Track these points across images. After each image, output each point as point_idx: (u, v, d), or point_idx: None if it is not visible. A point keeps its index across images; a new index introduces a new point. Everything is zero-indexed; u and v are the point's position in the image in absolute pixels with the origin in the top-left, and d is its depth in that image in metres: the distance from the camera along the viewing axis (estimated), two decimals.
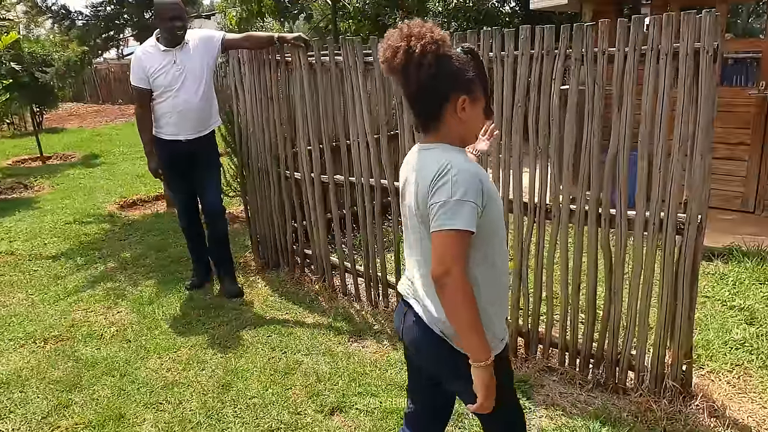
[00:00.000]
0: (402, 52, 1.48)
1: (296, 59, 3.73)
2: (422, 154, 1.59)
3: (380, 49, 1.55)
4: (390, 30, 1.54)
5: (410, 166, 1.63)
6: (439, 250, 1.48)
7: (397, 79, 1.56)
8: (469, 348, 1.53)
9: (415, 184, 1.57)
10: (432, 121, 1.57)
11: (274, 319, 3.71)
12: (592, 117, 2.58)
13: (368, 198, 3.64)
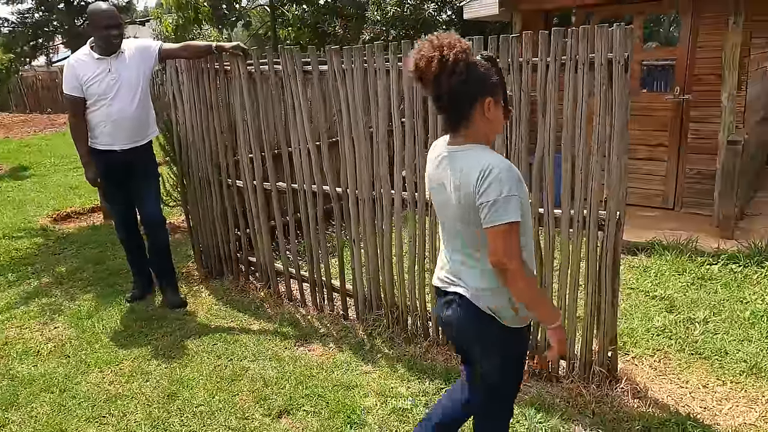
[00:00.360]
0: (436, 61, 1.63)
1: (235, 68, 3.75)
2: (458, 156, 1.75)
3: (410, 58, 1.70)
4: (419, 42, 1.71)
5: (443, 167, 1.79)
6: (498, 243, 1.67)
7: (426, 86, 1.71)
8: (541, 317, 1.83)
9: (455, 184, 1.73)
10: (462, 121, 1.73)
11: (219, 328, 3.70)
12: (519, 122, 2.75)
13: (311, 204, 3.70)
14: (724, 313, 3.56)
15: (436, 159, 1.84)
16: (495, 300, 1.80)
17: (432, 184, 1.87)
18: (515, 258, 1.67)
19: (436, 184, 1.84)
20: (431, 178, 1.87)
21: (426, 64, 1.65)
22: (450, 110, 1.74)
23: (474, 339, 1.90)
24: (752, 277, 4.03)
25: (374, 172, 3.33)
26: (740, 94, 4.93)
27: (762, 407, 2.71)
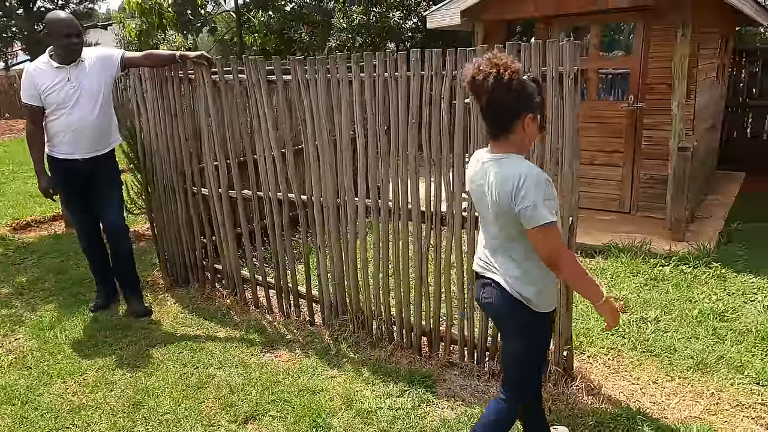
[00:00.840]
0: (492, 77, 1.86)
1: (200, 77, 3.78)
2: (497, 164, 1.99)
3: (468, 71, 1.92)
4: (476, 58, 1.94)
5: (484, 172, 2.03)
6: (543, 243, 1.92)
7: (480, 97, 1.92)
8: (591, 296, 2.01)
9: (494, 187, 1.96)
10: (503, 131, 1.97)
11: (185, 336, 3.71)
12: (476, 132, 2.85)
13: (276, 211, 3.74)
14: (674, 312, 3.74)
15: (478, 163, 2.08)
16: (524, 288, 2.04)
17: (472, 185, 2.11)
18: (560, 252, 1.93)
19: (476, 186, 2.08)
20: (472, 179, 2.11)
21: (482, 78, 1.87)
22: (495, 121, 1.97)
23: (506, 321, 2.16)
24: (701, 277, 4.23)
25: (338, 179, 3.39)
26: (689, 103, 5.16)
27: (707, 400, 2.87)
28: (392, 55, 3.03)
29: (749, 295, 3.94)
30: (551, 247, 1.92)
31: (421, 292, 3.25)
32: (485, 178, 2.01)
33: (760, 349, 3.27)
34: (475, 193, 2.11)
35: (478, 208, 2.13)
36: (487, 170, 2.01)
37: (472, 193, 2.15)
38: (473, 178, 2.10)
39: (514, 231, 1.98)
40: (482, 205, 2.08)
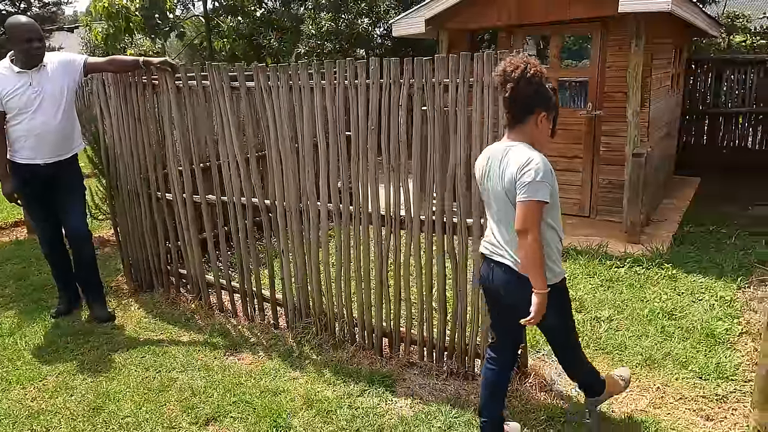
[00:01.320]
0: (520, 69, 2.18)
1: (163, 83, 3.80)
2: (509, 150, 2.26)
3: (501, 65, 2.24)
4: (510, 55, 2.26)
5: (495, 158, 2.29)
6: (525, 213, 2.16)
7: (505, 86, 2.21)
8: (535, 283, 2.21)
9: (502, 169, 2.24)
10: (519, 121, 2.26)
11: (148, 340, 3.72)
12: (433, 138, 2.95)
13: (240, 216, 3.78)
14: (626, 311, 3.89)
15: (487, 151, 2.38)
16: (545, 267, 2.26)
17: (483, 170, 2.36)
18: (535, 227, 2.17)
19: (488, 170, 2.33)
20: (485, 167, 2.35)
21: (512, 69, 2.20)
22: (514, 110, 2.25)
23: (518, 299, 2.30)
24: (653, 278, 4.41)
25: (301, 184, 3.46)
26: (644, 111, 5.37)
27: (652, 394, 3.01)
28: (352, 64, 3.11)
29: (697, 295, 4.12)
30: (530, 220, 2.16)
31: (382, 294, 3.33)
32: (497, 162, 2.29)
33: (704, 346, 3.43)
34: (488, 178, 2.34)
35: (490, 193, 2.35)
36: (501, 156, 2.28)
37: (482, 180, 2.37)
38: (487, 166, 2.34)
39: None
40: (493, 190, 2.32)
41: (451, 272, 3.11)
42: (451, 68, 2.85)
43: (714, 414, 2.83)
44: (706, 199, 6.66)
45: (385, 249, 3.26)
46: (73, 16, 27.88)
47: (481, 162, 2.39)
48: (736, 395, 2.96)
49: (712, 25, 6.81)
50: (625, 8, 4.68)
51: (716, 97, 8.35)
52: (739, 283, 4.26)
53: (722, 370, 3.17)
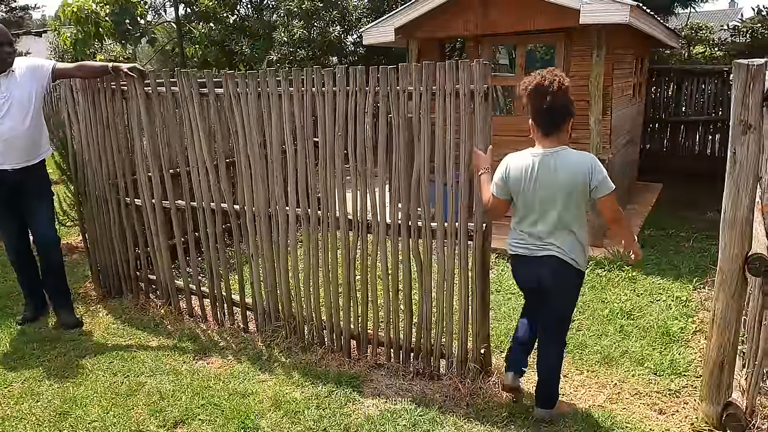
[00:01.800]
0: (556, 83, 2.46)
1: (132, 89, 3.82)
2: (559, 155, 2.51)
3: (532, 80, 2.52)
4: (540, 71, 2.53)
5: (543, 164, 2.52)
6: (612, 205, 2.54)
7: (542, 98, 2.47)
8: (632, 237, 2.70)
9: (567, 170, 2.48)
10: (556, 129, 2.52)
11: (116, 346, 3.71)
12: (398, 145, 3.04)
13: (210, 221, 3.81)
14: (588, 312, 4.03)
15: (531, 158, 2.57)
16: (579, 255, 2.61)
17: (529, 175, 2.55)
18: (621, 210, 2.60)
19: (537, 175, 2.53)
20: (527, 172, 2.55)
21: (548, 83, 2.46)
22: (552, 120, 2.51)
23: (564, 286, 2.66)
24: (614, 280, 4.56)
25: (270, 190, 3.51)
26: (606, 119, 5.55)
27: (610, 390, 3.13)
28: (319, 71, 3.19)
29: (655, 295, 4.28)
30: (617, 208, 2.57)
31: (350, 297, 3.40)
32: (549, 167, 2.51)
33: (660, 344, 3.58)
34: (547, 180, 2.52)
35: (549, 193, 2.54)
36: (549, 161, 2.51)
37: (536, 182, 2.55)
38: (531, 171, 2.54)
39: (579, 207, 2.55)
40: (560, 190, 2.51)
41: (417, 275, 3.19)
42: (415, 77, 2.94)
43: (667, 408, 2.96)
44: (668, 205, 6.90)
45: (353, 252, 3.33)
46: (41, 20, 27.33)
47: (523, 169, 2.57)
48: (688, 390, 3.10)
49: (671, 37, 7.07)
50: (586, 20, 4.86)
51: (677, 106, 8.65)
52: (694, 284, 4.44)
53: (676, 366, 3.31)
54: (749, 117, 2.31)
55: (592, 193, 2.50)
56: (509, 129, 5.91)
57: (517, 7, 5.28)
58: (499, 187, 2.66)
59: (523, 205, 2.63)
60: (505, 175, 2.63)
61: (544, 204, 2.56)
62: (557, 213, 2.54)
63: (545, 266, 2.61)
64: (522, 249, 2.67)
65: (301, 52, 9.43)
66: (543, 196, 2.55)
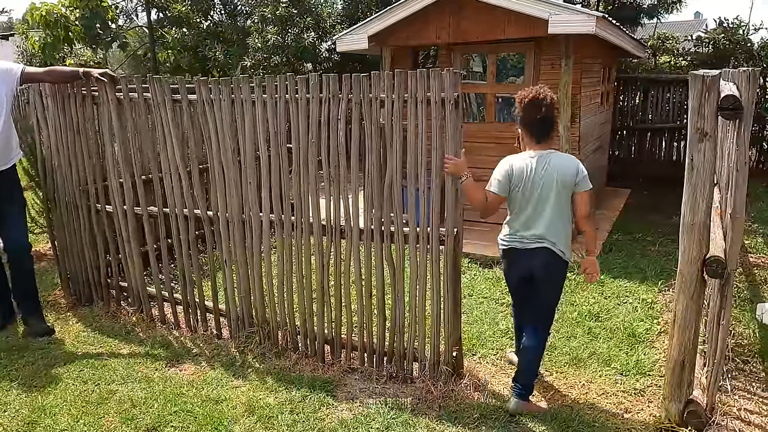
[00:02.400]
0: (549, 98, 2.85)
1: (103, 94, 3.80)
2: (552, 157, 2.85)
3: (528, 93, 2.87)
4: (534, 86, 2.93)
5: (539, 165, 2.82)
6: (587, 202, 2.85)
7: (537, 110, 2.83)
8: (595, 247, 3.03)
9: (559, 169, 2.80)
10: (547, 136, 2.89)
11: (87, 354, 3.67)
12: (370, 151, 3.09)
13: (183, 228, 3.80)
14: (557, 314, 4.10)
15: (528, 160, 2.86)
16: (566, 248, 2.92)
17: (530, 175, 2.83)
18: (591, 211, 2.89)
19: (533, 174, 2.83)
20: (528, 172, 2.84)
21: (543, 97, 2.84)
22: (545, 128, 2.87)
23: (555, 277, 2.95)
24: (583, 283, 4.66)
25: (243, 195, 3.52)
26: (574, 126, 5.70)
27: (578, 391, 3.21)
28: (292, 78, 3.22)
29: (622, 298, 4.40)
30: (590, 206, 2.86)
31: (323, 302, 3.42)
32: (545, 167, 2.82)
33: (626, 345, 3.68)
34: (544, 181, 2.82)
35: (544, 192, 2.83)
36: (545, 162, 2.83)
37: (534, 182, 2.83)
38: (530, 171, 2.84)
39: (567, 203, 2.85)
40: (552, 189, 2.81)
41: (390, 279, 3.23)
42: (387, 85, 3.00)
43: (632, 407, 3.05)
44: (635, 209, 7.08)
45: (326, 258, 3.36)
46: (8, 23, 26.71)
47: (524, 168, 2.86)
48: (653, 389, 3.20)
49: (638, 47, 7.28)
50: (554, 30, 4.99)
51: (644, 114, 8.90)
52: (659, 287, 4.58)
53: (641, 366, 3.41)
54: (705, 125, 2.42)
55: (575, 188, 2.82)
56: (482, 136, 6.03)
57: (487, 17, 5.39)
58: (501, 184, 2.89)
59: (520, 202, 2.90)
60: (509, 173, 2.87)
61: (539, 200, 2.84)
62: (550, 208, 2.83)
63: (538, 258, 2.88)
64: (516, 243, 2.94)
65: (275, 59, 9.43)
66: (539, 194, 2.84)
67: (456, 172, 2.93)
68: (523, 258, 2.93)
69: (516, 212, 2.93)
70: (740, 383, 3.20)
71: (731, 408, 2.95)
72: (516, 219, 2.94)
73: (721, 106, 2.39)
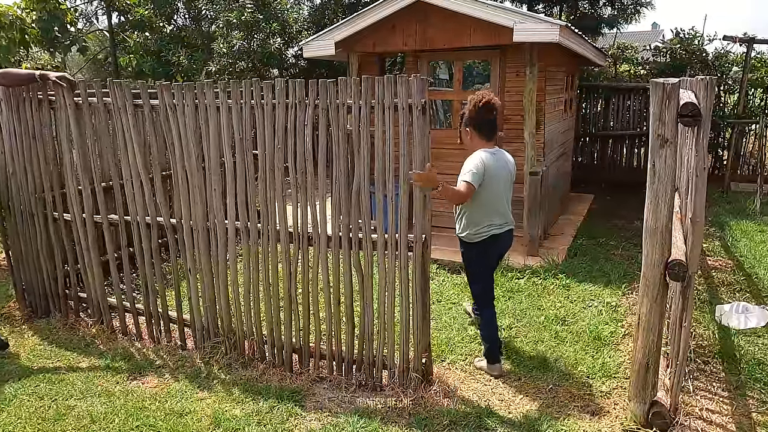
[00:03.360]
0: (497, 101, 3.25)
1: (61, 99, 3.67)
2: (500, 152, 3.33)
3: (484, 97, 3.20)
4: (483, 91, 3.27)
5: (498, 158, 3.25)
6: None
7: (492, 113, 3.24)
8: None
9: (509, 165, 3.34)
10: (495, 135, 3.29)
11: (43, 368, 3.53)
12: (338, 158, 3.06)
13: (145, 236, 3.70)
14: (525, 319, 4.16)
15: (495, 155, 3.25)
16: None
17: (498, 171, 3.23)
18: None
19: (501, 169, 3.26)
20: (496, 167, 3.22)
21: (494, 101, 3.22)
22: (495, 129, 3.30)
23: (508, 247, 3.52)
24: (549, 287, 4.73)
25: (208, 203, 3.44)
26: (539, 132, 5.78)
27: (546, 394, 3.23)
28: (258, 84, 3.17)
29: (587, 302, 4.47)
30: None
31: (291, 310, 3.37)
32: (502, 161, 3.28)
33: (592, 348, 3.73)
34: (502, 173, 3.26)
35: (504, 183, 3.28)
36: (500, 158, 3.29)
37: (497, 176, 3.21)
38: (498, 165, 3.22)
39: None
40: (507, 180, 3.31)
41: (358, 286, 3.20)
42: (354, 91, 2.98)
43: (599, 409, 3.09)
44: (598, 214, 7.23)
45: (294, 265, 3.31)
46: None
47: (491, 163, 3.20)
48: (618, 391, 3.25)
49: (599, 56, 7.45)
50: (519, 38, 5.06)
51: (605, 121, 9.11)
52: (623, 290, 4.67)
53: (607, 369, 3.46)
54: (666, 132, 2.48)
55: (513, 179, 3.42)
56: (449, 142, 6.04)
57: (453, 25, 5.43)
58: (478, 176, 3.13)
59: (491, 194, 3.24)
60: (486, 166, 3.17)
61: (504, 191, 3.31)
62: (508, 196, 3.37)
63: (508, 237, 3.41)
64: (495, 229, 3.33)
65: (241, 64, 9.32)
66: (503, 185, 3.30)
67: (427, 185, 2.93)
68: (500, 240, 3.37)
69: (490, 203, 3.26)
70: (702, 383, 3.28)
71: (693, 408, 3.01)
72: (491, 211, 3.28)
73: (681, 113, 2.45)
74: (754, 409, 3.04)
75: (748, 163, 9.10)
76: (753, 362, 3.50)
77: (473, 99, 3.23)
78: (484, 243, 3.33)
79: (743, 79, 8.32)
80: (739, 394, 3.18)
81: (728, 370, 3.45)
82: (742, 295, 4.61)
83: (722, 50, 9.09)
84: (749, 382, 3.30)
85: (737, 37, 8.26)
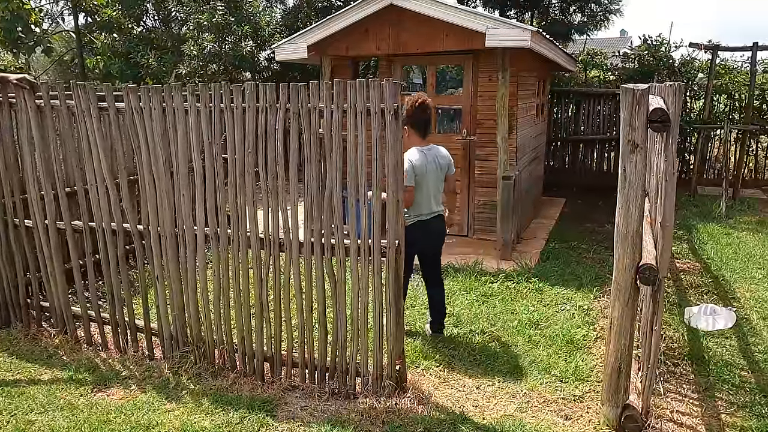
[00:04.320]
0: (430, 101, 3.62)
1: (22, 101, 3.55)
2: (436, 149, 3.69)
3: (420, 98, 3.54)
4: (419, 93, 3.70)
5: (430, 154, 3.61)
6: (454, 182, 3.88)
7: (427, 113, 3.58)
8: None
9: (442, 159, 3.67)
10: (428, 133, 3.67)
11: (2, 381, 3.39)
12: (310, 162, 3.01)
13: (110, 243, 3.59)
14: (498, 323, 4.16)
15: (424, 152, 3.59)
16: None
17: (428, 165, 3.57)
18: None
19: (433, 163, 3.60)
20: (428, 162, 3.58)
21: (428, 103, 3.58)
22: (429, 126, 3.68)
23: (444, 232, 3.86)
24: (523, 291, 4.75)
25: (176, 208, 3.36)
26: (512, 137, 5.81)
27: (519, 400, 3.23)
28: (227, 87, 3.11)
29: (560, 305, 4.50)
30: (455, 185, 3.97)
31: (262, 317, 3.30)
32: (434, 157, 3.61)
33: (565, 352, 3.75)
34: (430, 168, 3.58)
35: (433, 176, 3.60)
36: (434, 153, 3.63)
37: (425, 173, 3.54)
38: (429, 161, 3.57)
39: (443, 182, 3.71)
40: (434, 175, 3.61)
41: (331, 292, 3.15)
42: (326, 95, 2.94)
43: (572, 413, 3.10)
44: (570, 218, 7.31)
45: (265, 272, 3.24)
46: None
47: (423, 159, 3.54)
48: (591, 394, 3.26)
49: (570, 61, 7.56)
50: (491, 43, 5.09)
51: (576, 126, 9.24)
52: (595, 293, 4.72)
53: (580, 372, 3.48)
54: (636, 137, 2.50)
55: (447, 171, 3.71)
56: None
57: (427, 29, 5.44)
58: (410, 179, 3.44)
59: (423, 187, 3.57)
60: (415, 166, 3.50)
61: (435, 183, 3.64)
62: (439, 187, 3.70)
63: (438, 221, 3.73)
64: (424, 216, 3.64)
65: (212, 67, 9.20)
66: (435, 178, 3.63)
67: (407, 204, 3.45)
68: (429, 224, 3.68)
69: (422, 195, 3.59)
70: (672, 386, 3.32)
71: (665, 411, 3.04)
72: (422, 201, 3.61)
73: (651, 118, 2.47)
74: (723, 410, 3.09)
75: (713, 167, 9.33)
76: (721, 363, 3.56)
77: (410, 100, 3.53)
78: (416, 225, 3.62)
79: (708, 85, 8.53)
80: (708, 396, 3.23)
81: (697, 371, 3.50)
82: (709, 297, 4.70)
83: (688, 57, 9.31)
84: (718, 384, 3.35)
85: (702, 44, 8.47)
